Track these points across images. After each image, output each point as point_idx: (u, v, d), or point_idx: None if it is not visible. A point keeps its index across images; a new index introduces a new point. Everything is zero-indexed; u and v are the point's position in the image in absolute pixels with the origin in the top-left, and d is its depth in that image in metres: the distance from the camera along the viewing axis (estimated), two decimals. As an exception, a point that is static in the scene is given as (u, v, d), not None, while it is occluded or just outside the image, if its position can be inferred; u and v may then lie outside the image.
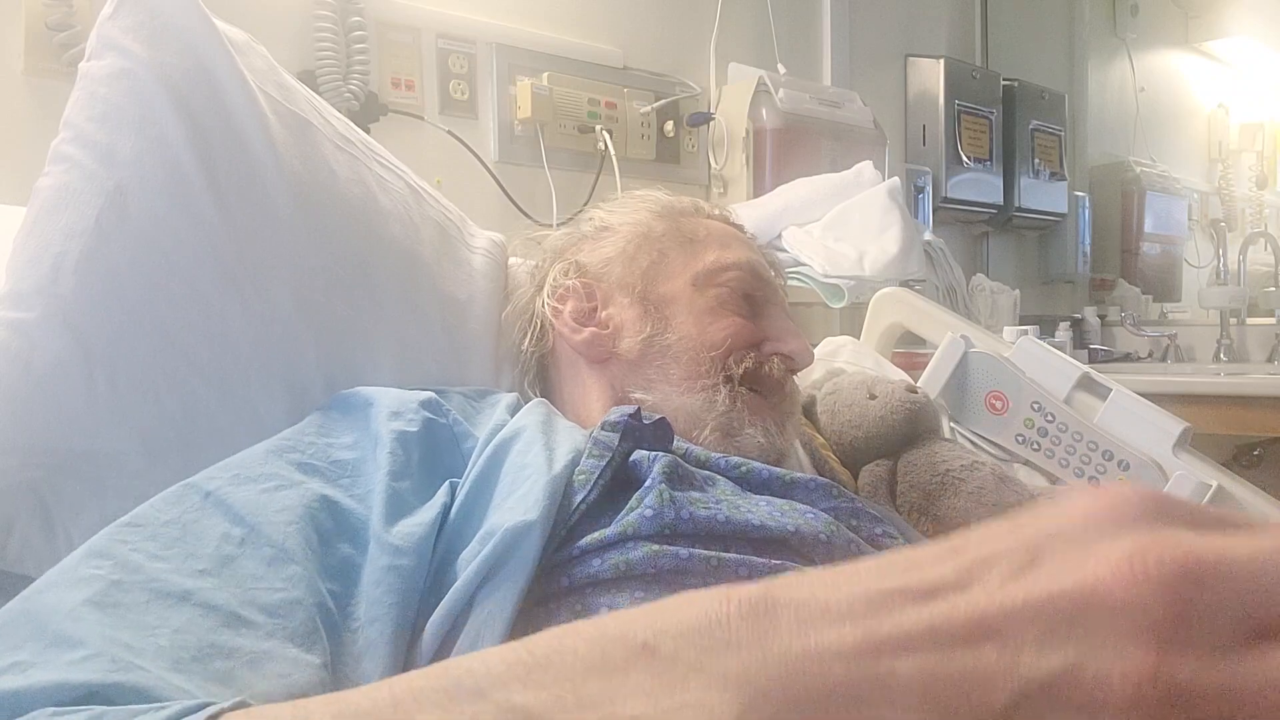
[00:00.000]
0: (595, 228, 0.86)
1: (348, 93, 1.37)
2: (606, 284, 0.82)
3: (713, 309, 0.78)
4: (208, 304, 0.70)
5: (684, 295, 0.79)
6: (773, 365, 0.78)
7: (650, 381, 0.77)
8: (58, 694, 0.37)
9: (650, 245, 0.82)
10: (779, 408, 0.79)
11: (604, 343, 0.80)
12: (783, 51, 1.98)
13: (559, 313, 0.82)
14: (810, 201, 1.62)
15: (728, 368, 0.76)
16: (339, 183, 0.79)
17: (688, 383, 0.76)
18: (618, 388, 0.79)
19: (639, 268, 0.81)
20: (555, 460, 0.59)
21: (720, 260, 0.80)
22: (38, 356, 0.65)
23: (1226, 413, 1.77)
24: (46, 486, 0.64)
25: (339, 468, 0.59)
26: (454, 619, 0.51)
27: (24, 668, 0.38)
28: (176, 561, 0.47)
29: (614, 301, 0.81)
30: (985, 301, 2.15)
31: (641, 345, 0.78)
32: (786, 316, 0.83)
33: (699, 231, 0.83)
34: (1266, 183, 2.98)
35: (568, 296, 0.82)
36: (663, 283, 0.80)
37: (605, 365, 0.80)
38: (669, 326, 0.78)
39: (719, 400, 0.75)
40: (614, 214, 0.86)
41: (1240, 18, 2.96)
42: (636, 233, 0.83)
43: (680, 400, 0.75)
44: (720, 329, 0.77)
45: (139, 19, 0.72)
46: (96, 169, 0.68)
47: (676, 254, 0.81)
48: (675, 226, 0.83)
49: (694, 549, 0.56)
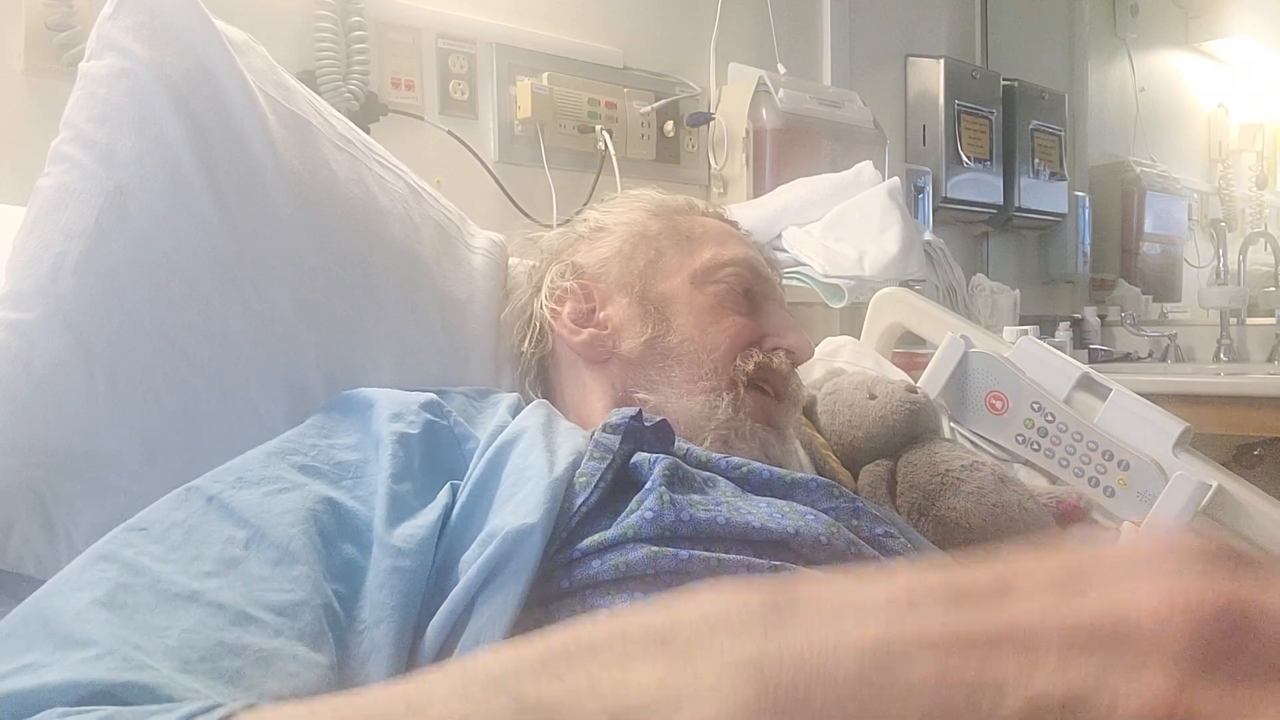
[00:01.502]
0: (590, 228, 0.86)
1: (348, 93, 1.36)
2: (604, 284, 0.81)
3: (712, 307, 0.78)
4: (208, 304, 0.70)
5: (683, 294, 0.79)
6: (779, 359, 0.78)
7: (653, 383, 0.77)
8: (68, 693, 0.37)
9: (647, 244, 0.82)
10: (783, 407, 0.79)
11: (604, 343, 0.80)
12: (783, 51, 1.98)
13: (557, 314, 0.82)
14: (810, 201, 1.62)
15: (733, 369, 0.76)
16: (339, 182, 0.79)
17: (690, 385, 0.76)
18: (619, 388, 0.79)
19: (636, 267, 0.81)
20: (556, 462, 0.59)
21: (718, 257, 0.80)
22: (38, 357, 0.64)
23: (1226, 413, 1.77)
24: (46, 487, 0.63)
25: (341, 469, 0.59)
26: (455, 621, 0.51)
27: (35, 669, 0.38)
28: (182, 564, 0.47)
29: (613, 302, 0.81)
30: (985, 301, 2.15)
31: (643, 346, 0.77)
32: (785, 312, 0.83)
33: (695, 229, 0.83)
34: (1266, 183, 2.99)
35: (566, 298, 0.82)
36: (661, 281, 0.80)
37: (606, 366, 0.80)
38: (670, 328, 0.78)
39: (721, 408, 0.74)
40: (609, 214, 0.86)
41: (1240, 18, 2.96)
42: (632, 232, 0.83)
43: (682, 403, 0.75)
44: (721, 329, 0.77)
45: (139, 19, 0.72)
46: (96, 169, 0.68)
47: (673, 252, 0.81)
48: (671, 225, 0.83)
49: (694, 550, 0.55)
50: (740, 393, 0.76)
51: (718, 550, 0.56)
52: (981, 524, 0.82)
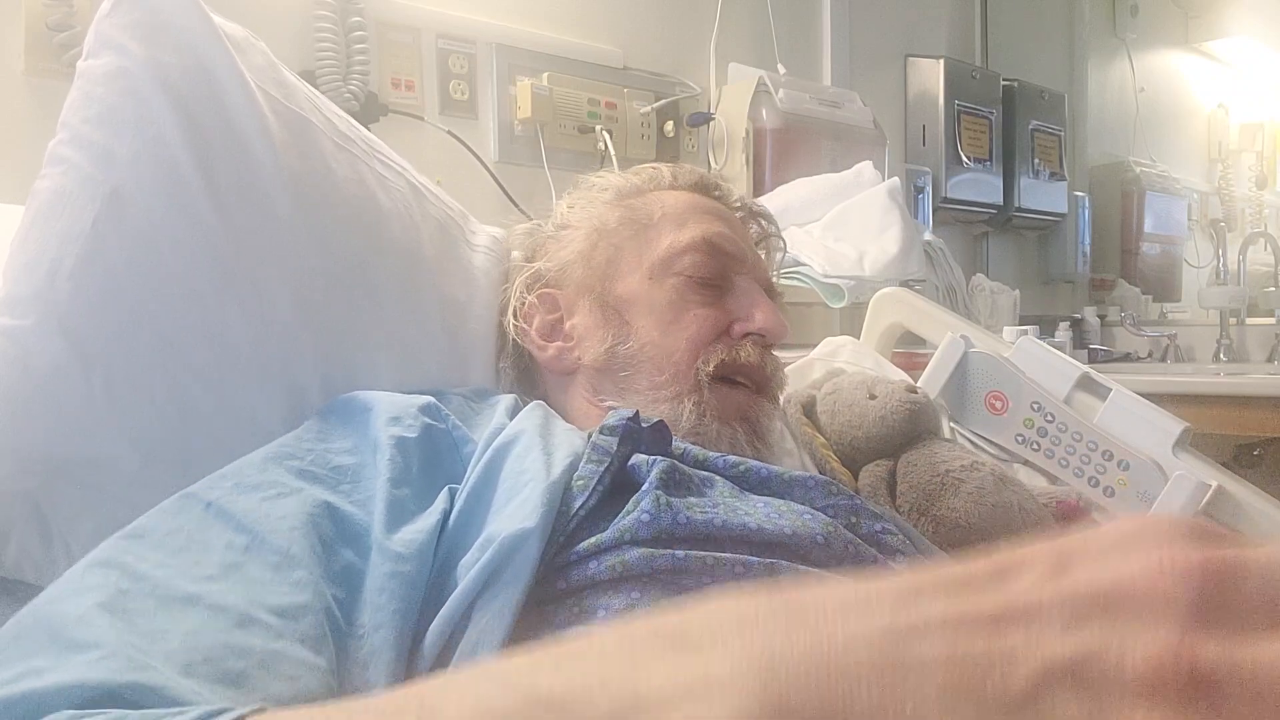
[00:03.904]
0: (556, 226, 0.85)
1: (348, 93, 1.36)
2: (569, 290, 0.81)
3: (673, 303, 0.76)
4: (205, 307, 0.69)
5: (642, 293, 0.77)
6: (745, 350, 0.76)
7: (620, 390, 0.76)
8: (75, 694, 0.37)
9: (605, 241, 0.80)
10: (760, 399, 0.77)
11: (569, 355, 0.79)
12: (783, 51, 1.98)
13: (525, 333, 0.82)
14: (810, 201, 1.62)
15: (696, 371, 0.75)
16: (339, 182, 0.79)
17: (654, 391, 0.75)
18: (592, 395, 0.78)
19: (597, 268, 0.80)
20: (553, 465, 0.59)
21: (674, 244, 0.78)
22: (34, 363, 0.64)
23: (1226, 413, 1.76)
24: (43, 493, 0.63)
25: (339, 473, 0.58)
26: (453, 626, 0.51)
27: (40, 673, 0.38)
28: (183, 569, 0.47)
29: (578, 309, 0.80)
30: (985, 301, 2.15)
31: (605, 355, 0.77)
32: (756, 288, 0.79)
33: (654, 213, 0.81)
34: (1266, 183, 2.98)
35: (533, 313, 0.82)
36: (619, 281, 0.79)
37: (575, 376, 0.80)
38: (631, 331, 0.77)
39: (684, 413, 0.73)
40: (573, 208, 0.85)
41: (1240, 18, 2.96)
42: (592, 228, 0.82)
43: (648, 411, 0.72)
44: (681, 328, 0.76)
45: (137, 16, 0.71)
46: (93, 171, 0.68)
47: (630, 246, 0.80)
48: (629, 214, 0.81)
49: (691, 551, 0.55)
50: (704, 395, 0.74)
51: (714, 551, 0.56)
52: (981, 524, 0.82)
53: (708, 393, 0.74)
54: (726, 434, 0.74)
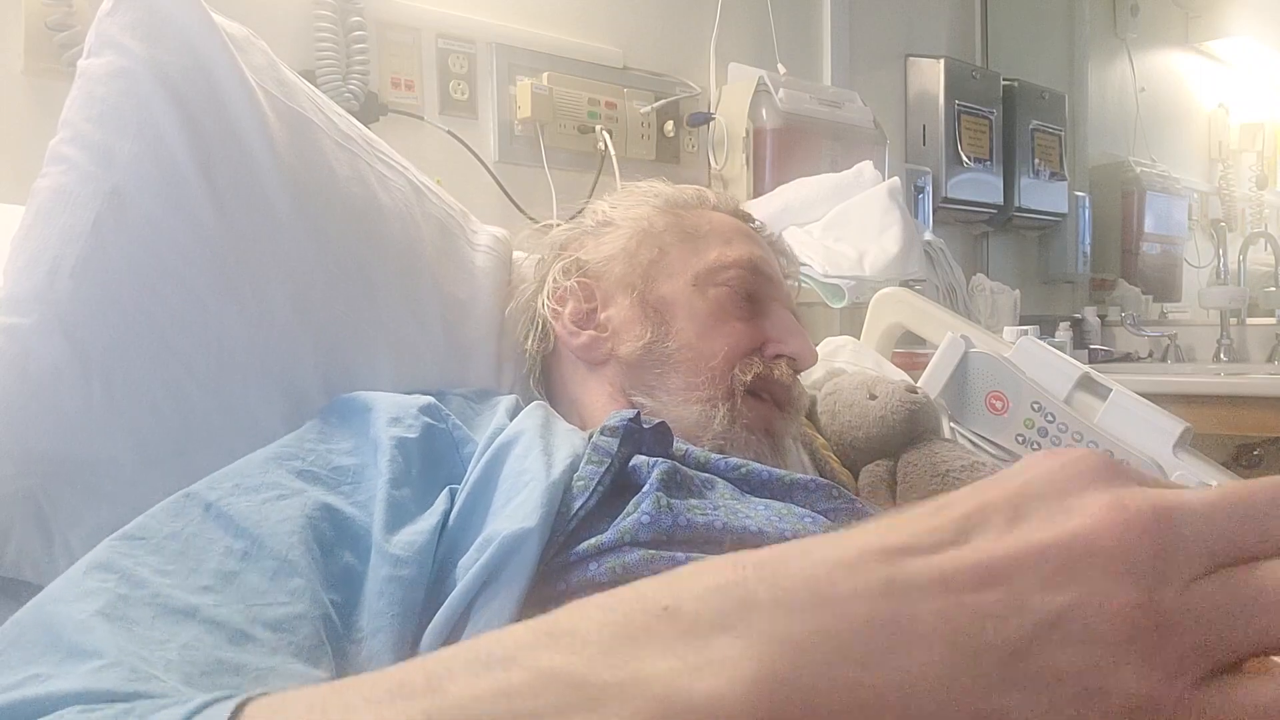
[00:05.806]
0: (597, 222, 0.85)
1: (347, 93, 1.36)
2: (607, 282, 0.81)
3: (713, 312, 0.78)
4: (205, 308, 0.69)
5: (684, 296, 0.78)
6: (780, 369, 0.78)
7: (650, 388, 0.77)
8: (82, 700, 0.37)
9: (651, 242, 0.81)
10: (784, 416, 0.79)
11: (602, 345, 0.79)
12: (783, 51, 1.98)
13: (558, 314, 0.82)
14: (810, 201, 1.62)
15: (732, 379, 0.76)
16: (339, 182, 0.79)
17: (687, 393, 0.75)
18: (619, 390, 0.78)
19: (640, 266, 0.80)
20: (554, 465, 0.58)
21: (722, 258, 0.79)
22: (34, 363, 0.64)
23: (1226, 413, 1.76)
24: (43, 493, 0.63)
25: (339, 474, 0.58)
26: (452, 626, 0.51)
27: (43, 679, 0.38)
28: (180, 577, 0.46)
29: (614, 302, 0.80)
30: (985, 301, 2.14)
31: (642, 350, 0.77)
32: (791, 314, 0.82)
33: (701, 226, 0.82)
34: (1266, 183, 2.99)
35: (567, 297, 0.82)
36: (663, 282, 0.79)
37: (604, 367, 0.80)
38: (669, 333, 0.77)
39: (717, 418, 0.74)
40: (616, 208, 0.86)
41: (1240, 18, 2.96)
42: (638, 228, 0.82)
43: (679, 411, 0.74)
44: (721, 336, 0.77)
45: (137, 16, 0.71)
46: (94, 170, 0.68)
47: (677, 251, 0.80)
48: (677, 222, 0.83)
49: (690, 553, 0.55)
50: (737, 403, 0.75)
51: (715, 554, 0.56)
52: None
53: (740, 402, 0.75)
54: (753, 443, 0.75)
